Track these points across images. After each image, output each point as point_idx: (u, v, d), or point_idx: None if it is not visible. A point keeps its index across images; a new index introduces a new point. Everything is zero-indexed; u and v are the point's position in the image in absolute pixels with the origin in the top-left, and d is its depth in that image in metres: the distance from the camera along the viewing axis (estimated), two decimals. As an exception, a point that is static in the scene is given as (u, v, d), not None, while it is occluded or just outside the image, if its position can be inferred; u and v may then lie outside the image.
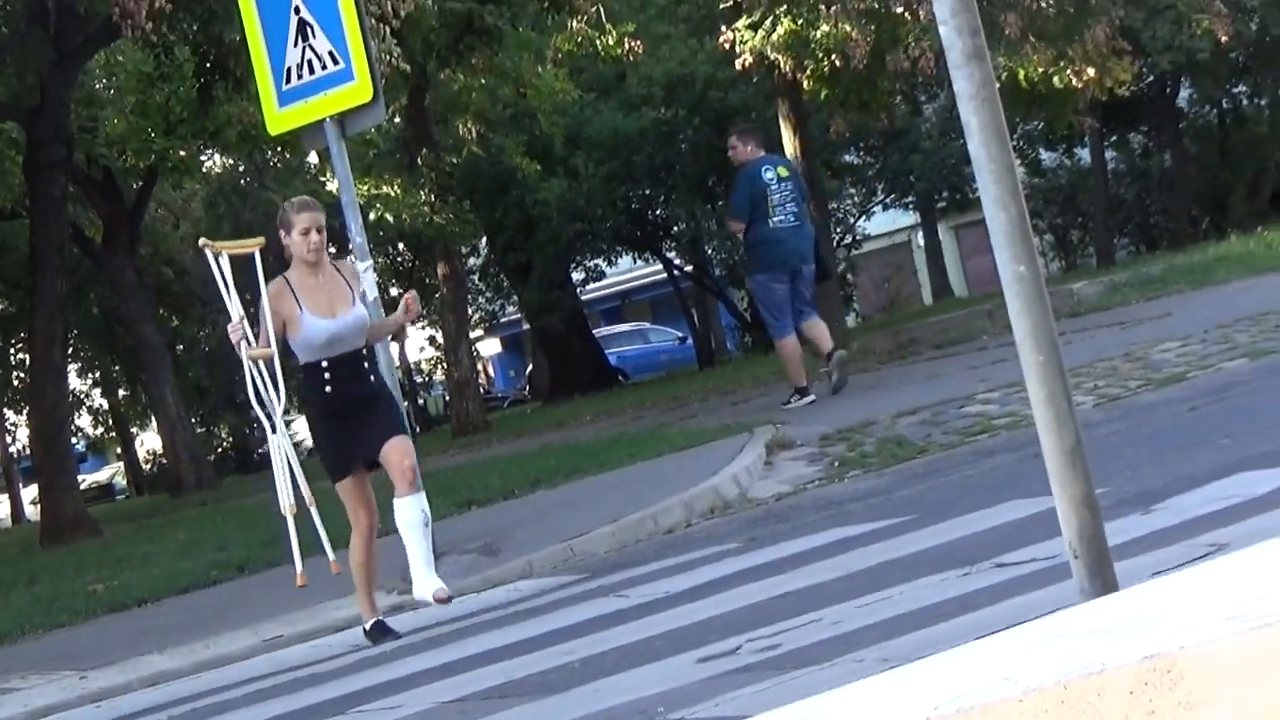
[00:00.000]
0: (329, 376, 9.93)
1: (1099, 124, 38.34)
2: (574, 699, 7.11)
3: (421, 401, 56.23)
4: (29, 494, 45.43)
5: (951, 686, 3.40)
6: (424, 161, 27.24)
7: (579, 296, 42.56)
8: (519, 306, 44.02)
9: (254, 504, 21.35)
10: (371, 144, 31.24)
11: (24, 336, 36.00)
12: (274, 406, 10.13)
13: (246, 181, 39.40)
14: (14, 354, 42.95)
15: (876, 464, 12.95)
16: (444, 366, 29.46)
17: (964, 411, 14.37)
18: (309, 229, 9.92)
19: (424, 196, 26.64)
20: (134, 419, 49.64)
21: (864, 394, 17.56)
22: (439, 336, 45.90)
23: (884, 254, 55.83)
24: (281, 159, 34.94)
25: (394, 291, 43.28)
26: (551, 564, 11.53)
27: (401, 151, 29.66)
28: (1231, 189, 41.27)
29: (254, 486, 27.15)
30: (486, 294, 48.30)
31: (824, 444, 14.36)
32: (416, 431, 29.43)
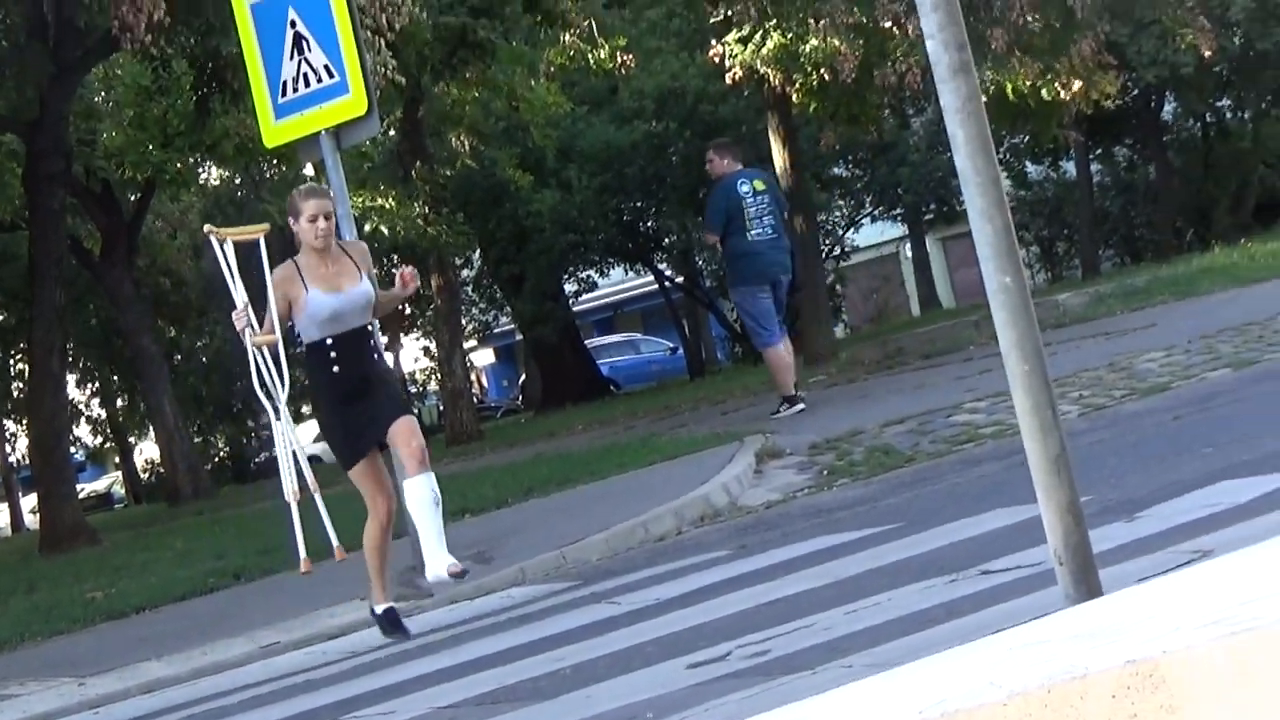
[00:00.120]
0: (334, 355, 9.86)
1: (1084, 137, 38.43)
2: (566, 705, 7.12)
3: (416, 411, 56.08)
4: (28, 503, 45.32)
5: (937, 691, 3.40)
6: (418, 174, 27.22)
7: (571, 307, 42.57)
8: (512, 317, 44.03)
9: (250, 513, 21.34)
10: (366, 156, 31.22)
11: (23, 347, 35.96)
12: (278, 393, 10.10)
13: (243, 194, 39.32)
14: (13, 364, 42.86)
15: (865, 472, 12.96)
16: (438, 377, 29.47)
17: (951, 421, 14.39)
18: (316, 216, 9.90)
19: (418, 208, 26.61)
20: (132, 429, 49.51)
21: (852, 403, 17.58)
22: (433, 347, 45.90)
23: (872, 265, 55.83)
24: (278, 171, 34.86)
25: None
26: (544, 571, 11.52)
27: (396, 164, 29.63)
28: (1215, 201, 41.32)
29: (251, 495, 27.14)
30: (480, 305, 48.27)
31: (813, 453, 14.38)
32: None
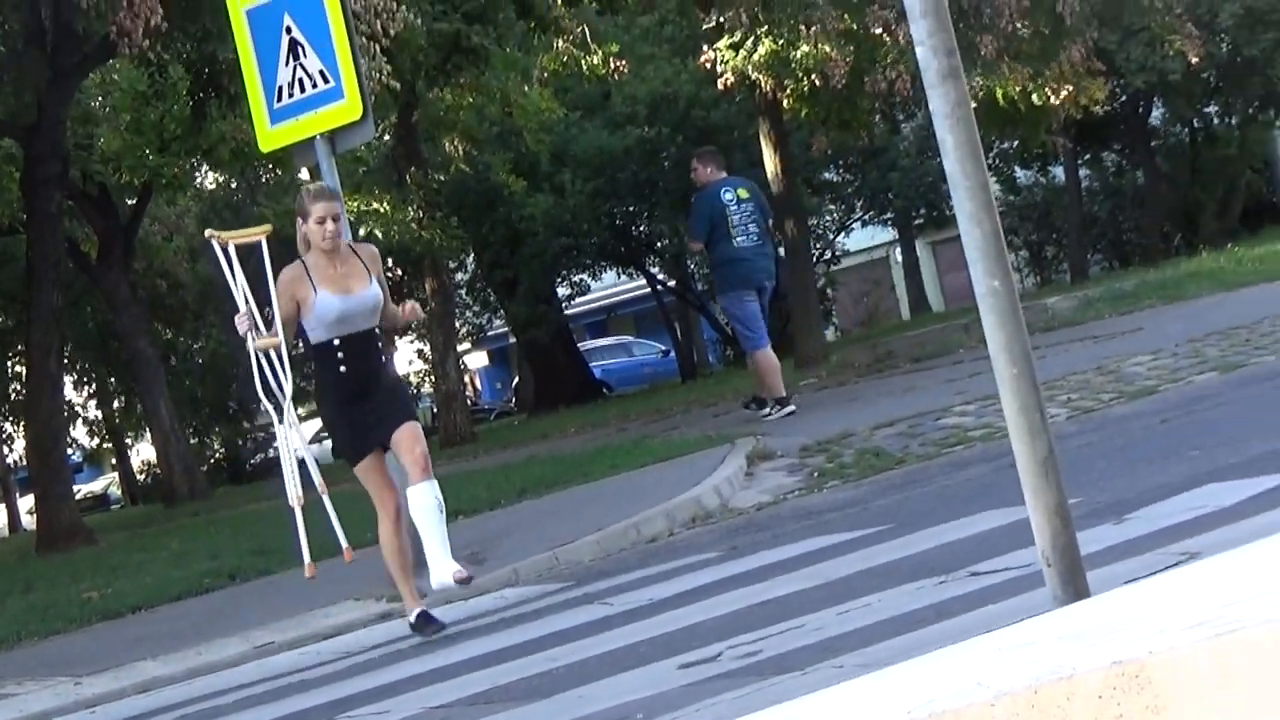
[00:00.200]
0: (341, 356, 9.77)
1: (1073, 143, 38.47)
2: (559, 704, 7.12)
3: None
4: (25, 503, 45.30)
5: (925, 691, 3.41)
6: (413, 178, 27.23)
7: (564, 311, 42.58)
8: (505, 320, 43.99)
9: (246, 514, 21.35)
10: (361, 161, 31.25)
11: (21, 349, 35.87)
12: (282, 397, 10.03)
13: (239, 197, 39.29)
14: (11, 366, 42.80)
15: (855, 475, 12.97)
16: (432, 379, 29.45)
17: (940, 423, 14.40)
18: (325, 217, 9.80)
19: (413, 213, 26.63)
20: (128, 430, 49.43)
21: (843, 406, 17.59)
22: (427, 350, 45.83)
23: (863, 269, 55.84)
24: (273, 175, 34.86)
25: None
26: (537, 572, 11.51)
27: (391, 168, 29.66)
28: (1202, 206, 41.36)
29: (246, 496, 27.13)
30: (474, 308, 48.21)
31: (803, 455, 14.39)
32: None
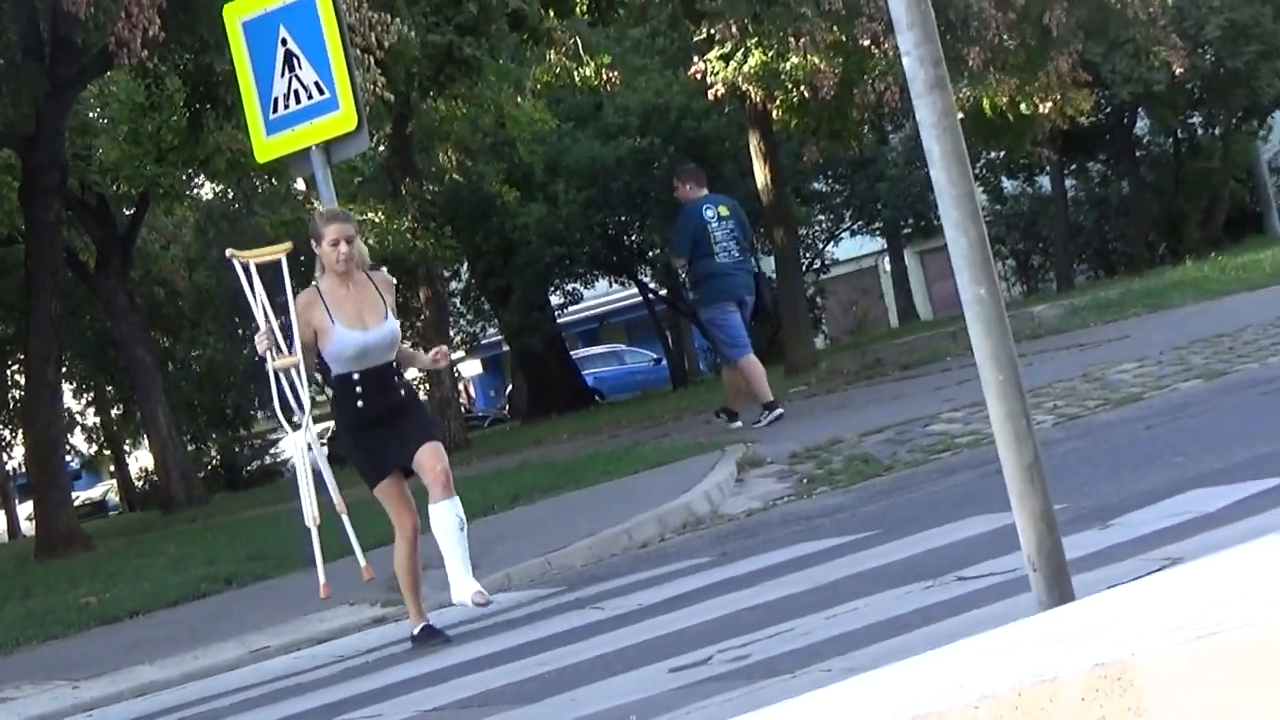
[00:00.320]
0: (360, 390, 9.68)
1: (1059, 153, 38.50)
2: (551, 707, 7.12)
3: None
4: (25, 510, 45.24)
5: (909, 694, 3.41)
6: (407, 189, 27.22)
7: (557, 319, 42.54)
8: (499, 329, 43.94)
9: (242, 520, 21.32)
10: (356, 171, 31.26)
11: (20, 357, 35.84)
12: (300, 415, 9.95)
13: (236, 207, 39.29)
14: (10, 374, 42.76)
15: (844, 481, 12.97)
16: (426, 386, 29.51)
17: (928, 430, 14.41)
18: (338, 240, 9.65)
19: (407, 222, 26.60)
20: (126, 437, 49.35)
21: (832, 413, 17.59)
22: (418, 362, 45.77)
23: (852, 278, 55.82)
24: (269, 185, 34.87)
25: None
26: (529, 577, 11.51)
27: (385, 179, 29.65)
28: (1186, 216, 41.36)
29: (243, 503, 27.11)
30: (468, 316, 48.15)
31: (793, 462, 14.39)
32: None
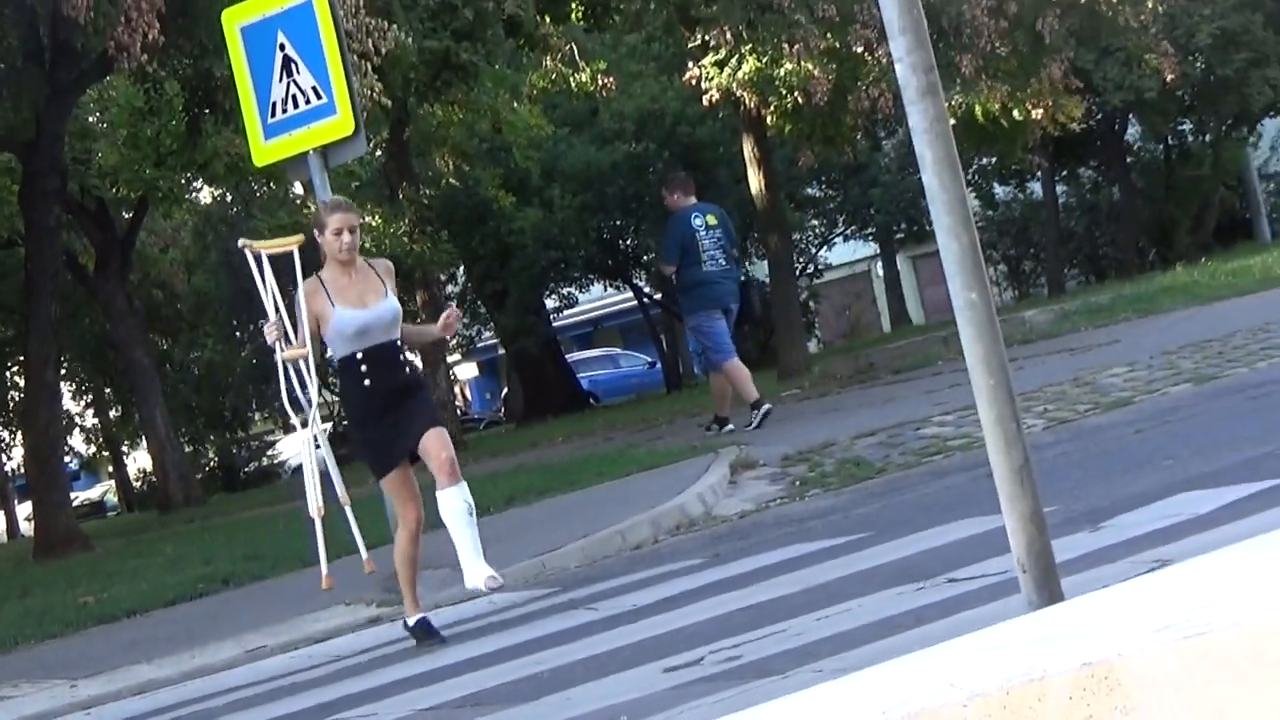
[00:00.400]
0: (365, 369, 9.62)
1: (1050, 159, 38.55)
2: (545, 707, 7.12)
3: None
4: (24, 510, 45.22)
5: (899, 692, 3.41)
6: (404, 193, 27.23)
7: (552, 323, 42.57)
8: (495, 332, 43.97)
9: (239, 520, 21.34)
10: (354, 175, 31.26)
11: (19, 359, 35.82)
12: (308, 407, 9.92)
13: (234, 211, 39.28)
14: (9, 376, 42.74)
15: (836, 483, 12.96)
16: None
17: (920, 434, 14.40)
18: (341, 229, 9.64)
19: (404, 226, 26.62)
20: (125, 439, 49.34)
21: (824, 416, 17.60)
22: (418, 360, 45.87)
23: (845, 283, 55.90)
24: (267, 189, 34.87)
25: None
26: (524, 578, 11.51)
27: (383, 183, 29.66)
28: (1177, 222, 41.39)
29: (240, 504, 27.11)
30: (464, 320, 48.26)
31: (785, 464, 14.38)
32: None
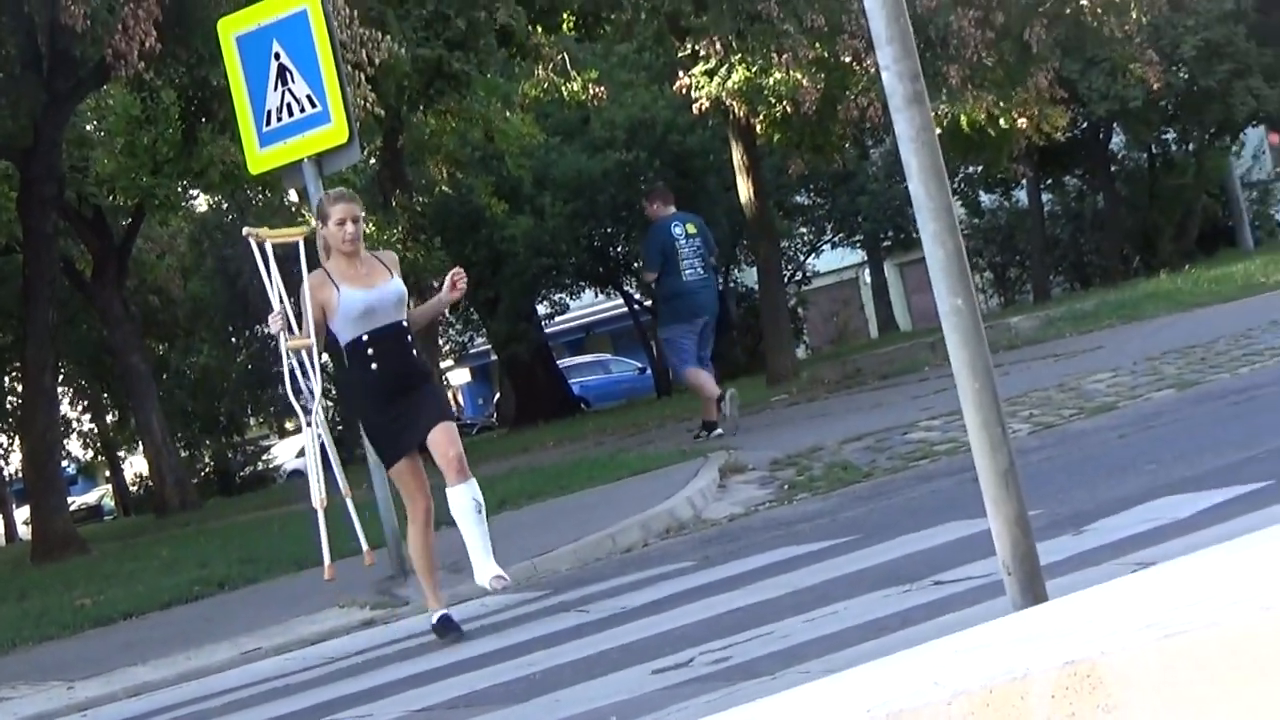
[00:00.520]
0: (372, 352, 9.44)
1: (1036, 168, 38.58)
2: (535, 708, 7.12)
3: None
4: (21, 514, 45.18)
5: (883, 691, 3.41)
6: (397, 201, 27.21)
7: (544, 329, 42.54)
8: (487, 338, 43.96)
9: (235, 524, 21.32)
10: (348, 183, 31.07)
11: (17, 365, 35.79)
12: (310, 398, 9.85)
13: (230, 218, 39.25)
14: (8, 381, 42.69)
15: (824, 487, 12.96)
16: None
17: (907, 438, 14.41)
18: (344, 219, 9.52)
19: (397, 234, 26.60)
20: (121, 443, 49.30)
21: (813, 421, 17.61)
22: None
23: (832, 290, 55.92)
24: (262, 197, 34.85)
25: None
26: (516, 580, 11.45)
27: (376, 191, 29.63)
28: (1160, 230, 41.45)
29: (235, 508, 27.09)
30: (456, 326, 48.16)
31: (774, 468, 14.39)
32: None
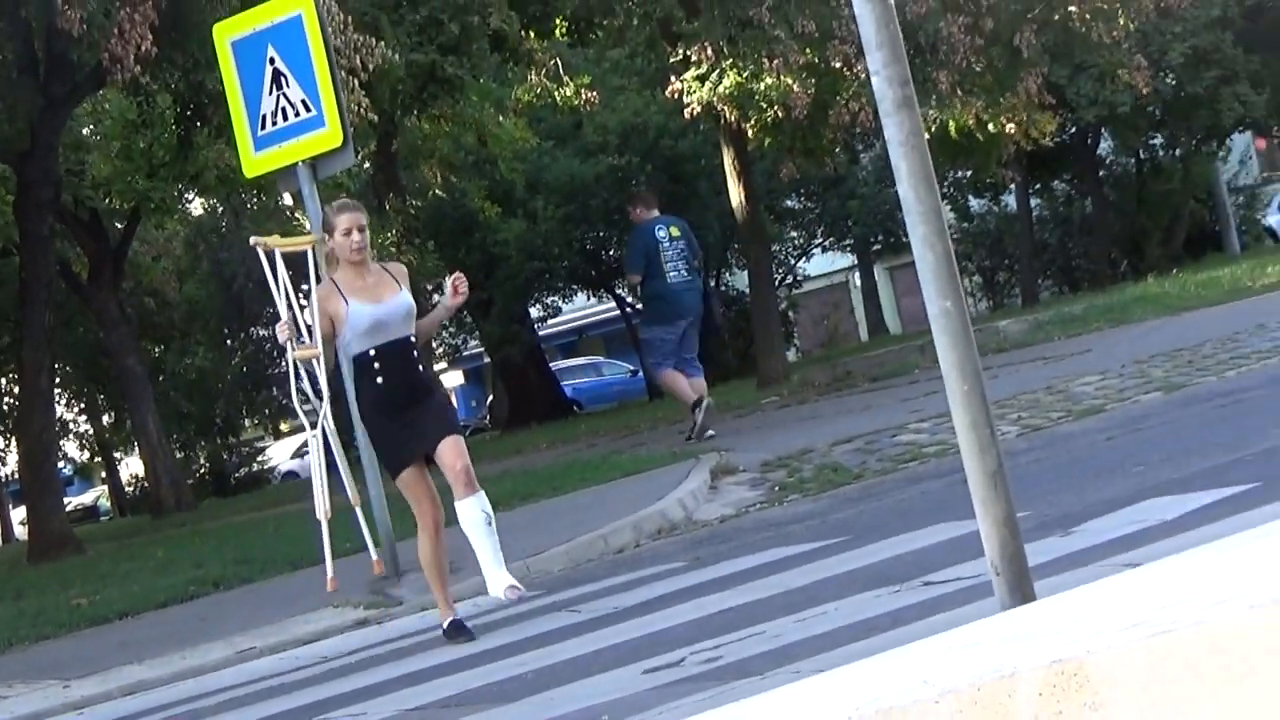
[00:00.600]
0: (379, 366, 9.37)
1: (1025, 173, 38.58)
2: (528, 707, 7.13)
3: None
4: (18, 515, 45.14)
5: (872, 689, 3.42)
6: (391, 204, 27.22)
7: (537, 332, 42.51)
8: (480, 341, 43.90)
9: (230, 525, 21.30)
10: (342, 186, 31.15)
11: (13, 367, 35.77)
12: (318, 405, 9.78)
13: (225, 222, 39.22)
14: (4, 383, 42.64)
15: (814, 489, 12.98)
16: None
17: (896, 440, 14.42)
18: (350, 229, 9.47)
19: (391, 237, 26.61)
20: (118, 445, 49.19)
21: (803, 423, 17.62)
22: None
23: (823, 293, 55.88)
24: (258, 200, 34.84)
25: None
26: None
27: (370, 194, 29.63)
28: (1148, 234, 41.45)
29: (231, 509, 27.05)
30: (450, 329, 48.15)
31: (765, 470, 14.39)
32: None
